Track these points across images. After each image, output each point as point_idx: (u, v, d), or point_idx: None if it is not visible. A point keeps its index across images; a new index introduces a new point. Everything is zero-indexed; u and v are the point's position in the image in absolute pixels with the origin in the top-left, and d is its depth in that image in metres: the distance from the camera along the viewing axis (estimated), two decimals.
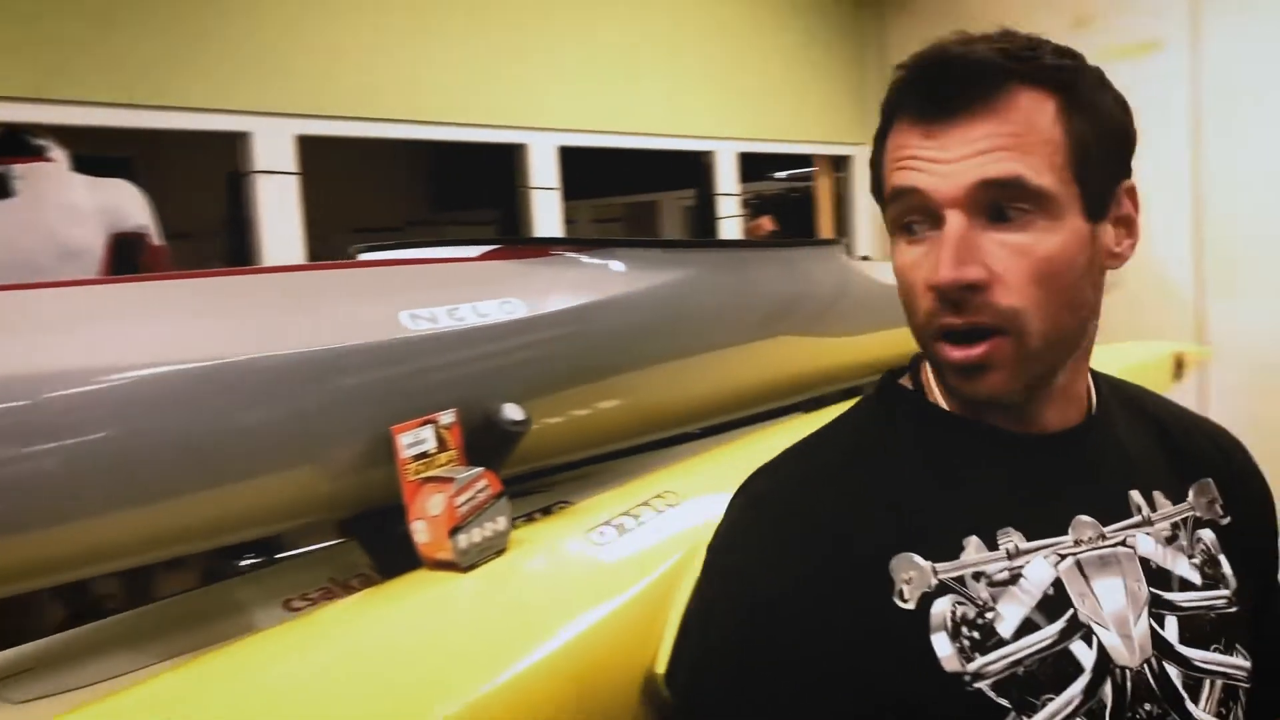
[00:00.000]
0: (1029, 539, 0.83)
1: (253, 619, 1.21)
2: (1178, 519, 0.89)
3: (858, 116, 3.88)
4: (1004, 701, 0.78)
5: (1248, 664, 0.86)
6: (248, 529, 1.13)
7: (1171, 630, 0.84)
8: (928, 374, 0.90)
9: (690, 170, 3.57)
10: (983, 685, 0.79)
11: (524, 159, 2.97)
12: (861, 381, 1.98)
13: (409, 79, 2.61)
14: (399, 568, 1.11)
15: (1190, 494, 0.91)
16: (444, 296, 1.15)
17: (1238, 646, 0.86)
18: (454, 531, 1.03)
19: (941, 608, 0.80)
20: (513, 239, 1.32)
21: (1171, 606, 0.85)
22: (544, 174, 2.99)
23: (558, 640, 1.04)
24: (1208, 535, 0.90)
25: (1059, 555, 0.83)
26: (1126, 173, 0.86)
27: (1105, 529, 0.85)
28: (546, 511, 1.36)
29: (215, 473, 1.01)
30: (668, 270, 1.42)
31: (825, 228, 4.03)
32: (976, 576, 0.82)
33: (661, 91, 3.19)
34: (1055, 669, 0.80)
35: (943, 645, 0.79)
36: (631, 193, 4.85)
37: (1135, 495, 0.88)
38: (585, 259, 1.33)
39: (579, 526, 1.16)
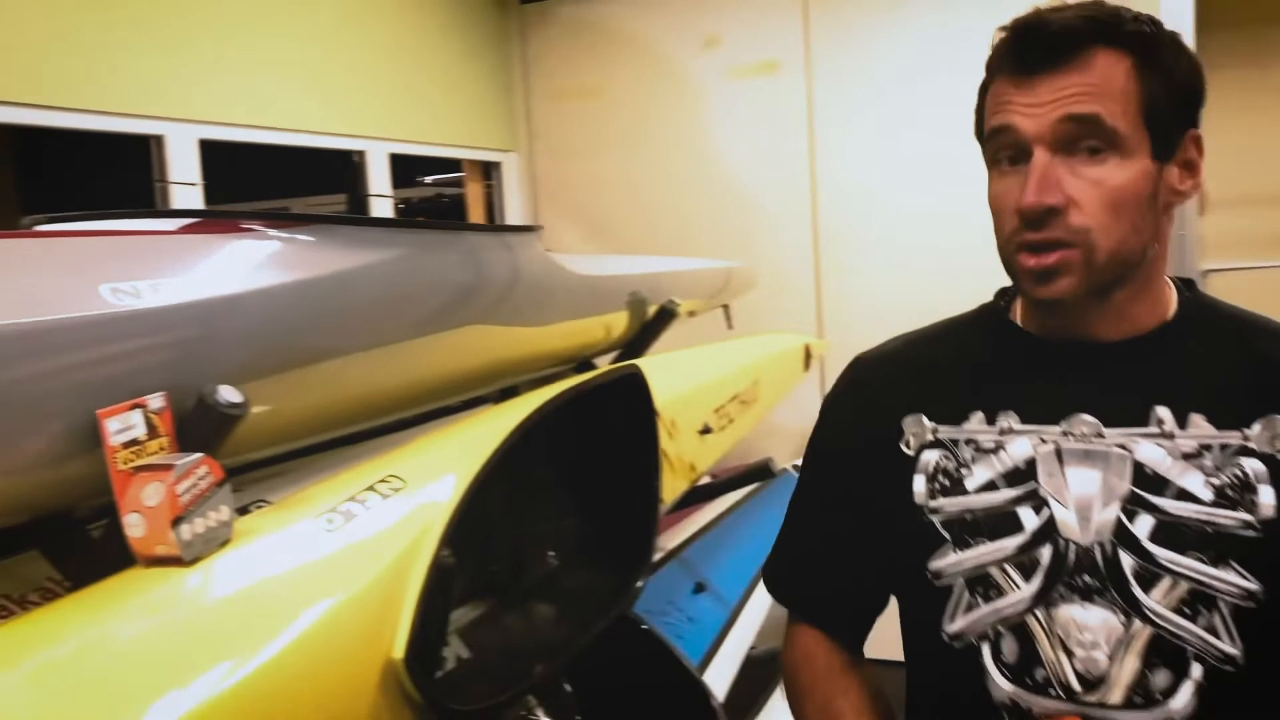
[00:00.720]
0: (1023, 422, 1.03)
1: None
2: (1213, 442, 0.98)
3: (506, 124, 3.93)
4: (946, 534, 1.04)
5: (1248, 584, 0.94)
6: None
7: (1142, 526, 0.97)
8: (1016, 304, 1.12)
9: (339, 173, 3.45)
10: (935, 518, 1.05)
11: (161, 152, 2.74)
12: (561, 369, 2.02)
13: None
14: (92, 576, 1.00)
15: (1256, 426, 0.97)
16: (146, 270, 1.04)
17: (1234, 565, 0.95)
18: (176, 522, 0.94)
19: (929, 457, 1.06)
20: (213, 211, 1.22)
21: (1152, 508, 0.97)
22: (183, 169, 2.78)
23: (291, 633, 0.98)
24: (1253, 464, 0.96)
25: (1042, 440, 1.01)
26: (1194, 123, 1.02)
27: (1106, 430, 1.00)
28: (244, 511, 1.27)
29: None
30: (375, 250, 1.38)
31: None
32: (969, 442, 1.05)
33: (311, 85, 3.06)
34: (997, 522, 1.02)
35: (919, 484, 1.06)
36: (283, 195, 4.62)
37: (1164, 411, 0.99)
38: (288, 235, 1.26)
39: (305, 514, 1.10)
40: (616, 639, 1.71)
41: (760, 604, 2.35)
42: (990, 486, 1.03)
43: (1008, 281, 1.07)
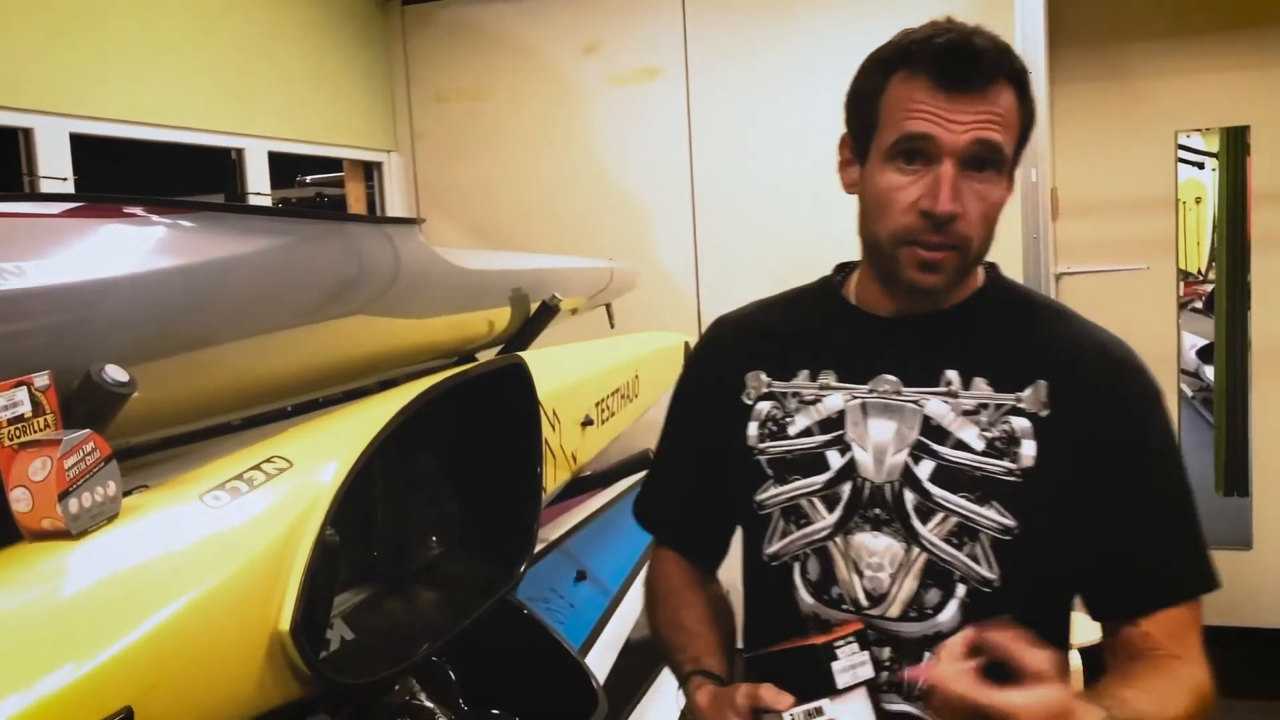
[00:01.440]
0: (839, 380, 1.21)
1: None
2: (989, 402, 1.16)
3: (387, 124, 3.93)
4: (769, 471, 1.23)
5: (1005, 520, 1.12)
6: None
7: (924, 469, 1.15)
8: (852, 278, 1.29)
9: (217, 171, 3.41)
10: (761, 459, 1.24)
11: (30, 145, 2.68)
12: (442, 362, 2.05)
13: None
14: None
15: (1028, 390, 1.15)
16: (29, 250, 1.06)
17: (996, 504, 1.13)
18: (63, 496, 0.96)
19: (761, 406, 1.25)
20: (94, 195, 1.23)
21: (934, 454, 1.15)
22: (54, 164, 2.72)
23: (179, 604, 1.00)
24: (1020, 422, 1.14)
25: (853, 395, 1.20)
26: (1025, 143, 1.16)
27: (905, 389, 1.18)
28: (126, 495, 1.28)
29: None
30: (257, 238, 1.40)
31: None
32: (794, 395, 1.23)
33: (189, 81, 3.02)
34: (809, 462, 1.20)
35: (752, 429, 1.25)
36: (159, 193, 4.52)
37: (952, 374, 1.17)
38: (171, 221, 1.28)
39: (191, 492, 1.12)
40: (499, 625, 1.75)
41: (640, 593, 2.42)
42: (807, 432, 1.22)
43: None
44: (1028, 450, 1.13)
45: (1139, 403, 1.17)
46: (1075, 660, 2.61)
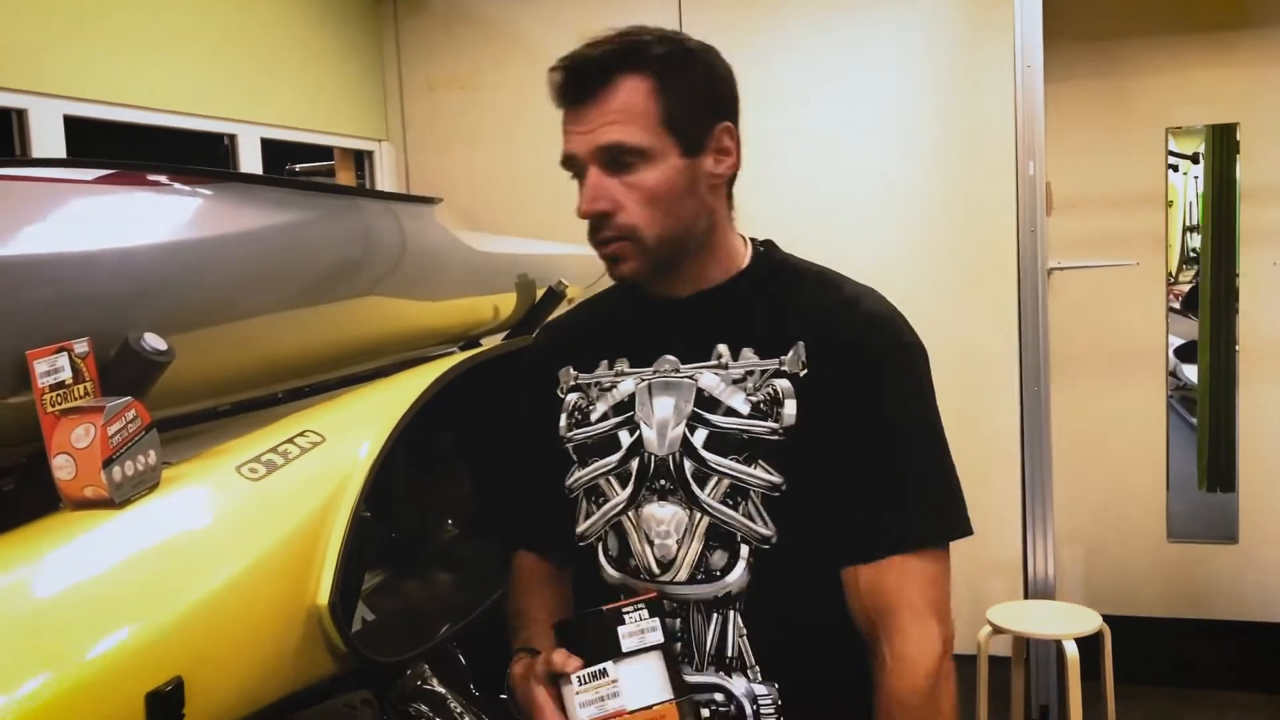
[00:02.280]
0: (631, 366, 1.28)
1: None
2: (755, 369, 1.22)
3: (379, 114, 3.90)
4: (575, 457, 1.29)
5: (772, 478, 1.18)
6: None
7: (699, 438, 1.21)
8: None
9: (210, 157, 3.37)
10: (569, 445, 1.30)
11: (24, 127, 2.64)
12: (448, 347, 2.03)
13: None
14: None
15: (789, 353, 1.20)
16: (67, 216, 1.03)
17: (761, 462, 1.19)
18: (107, 463, 0.94)
19: (570, 397, 1.32)
20: (131, 163, 1.20)
21: (706, 423, 1.21)
22: (48, 146, 2.68)
23: (223, 577, 0.99)
24: (782, 383, 1.20)
25: (641, 378, 1.26)
26: (725, 117, 1.24)
27: (682, 366, 1.24)
28: None
29: None
30: (292, 211, 1.38)
31: None
32: (596, 384, 1.30)
33: (185, 65, 2.99)
34: (605, 444, 1.26)
35: (563, 420, 1.31)
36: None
37: (723, 347, 1.23)
38: (205, 191, 1.26)
39: (227, 463, 1.10)
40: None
41: None
42: (604, 417, 1.28)
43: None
44: (789, 409, 1.19)
45: (882, 353, 1.21)
46: (1071, 649, 2.64)
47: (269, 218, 1.38)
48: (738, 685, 1.19)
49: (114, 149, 3.25)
